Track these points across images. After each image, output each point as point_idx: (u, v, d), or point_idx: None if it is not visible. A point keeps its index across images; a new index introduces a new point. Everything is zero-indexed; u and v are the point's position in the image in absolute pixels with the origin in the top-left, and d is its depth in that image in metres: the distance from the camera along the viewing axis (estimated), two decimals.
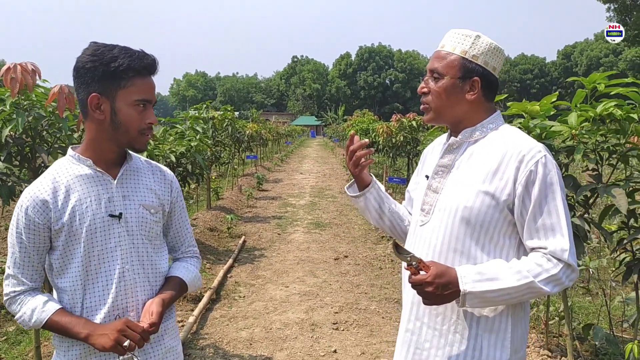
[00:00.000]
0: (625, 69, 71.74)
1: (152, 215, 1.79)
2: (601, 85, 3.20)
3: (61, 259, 1.67)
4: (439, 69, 1.76)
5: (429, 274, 1.58)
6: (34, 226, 1.63)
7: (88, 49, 1.63)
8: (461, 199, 1.70)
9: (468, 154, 1.77)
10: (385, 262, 7.15)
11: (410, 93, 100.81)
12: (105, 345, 1.58)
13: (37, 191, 1.63)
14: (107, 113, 1.63)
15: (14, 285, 1.67)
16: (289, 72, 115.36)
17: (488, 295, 1.58)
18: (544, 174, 1.62)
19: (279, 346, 4.43)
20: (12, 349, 4.24)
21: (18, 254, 1.65)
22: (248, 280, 6.34)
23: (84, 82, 1.62)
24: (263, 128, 21.27)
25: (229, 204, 11.36)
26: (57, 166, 1.70)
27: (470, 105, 1.76)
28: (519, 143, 1.68)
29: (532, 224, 1.64)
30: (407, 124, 10.03)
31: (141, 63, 1.63)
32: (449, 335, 1.73)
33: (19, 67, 3.10)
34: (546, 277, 1.58)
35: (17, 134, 3.35)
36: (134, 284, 1.73)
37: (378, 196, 2.06)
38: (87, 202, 1.66)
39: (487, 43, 1.75)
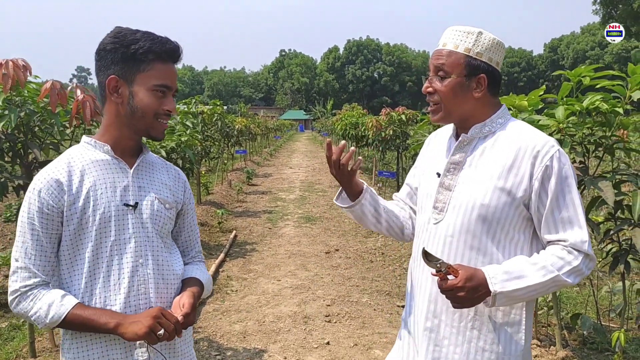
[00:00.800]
0: (612, 61, 72.32)
1: (166, 210, 1.71)
2: (586, 78, 3.25)
3: (71, 248, 1.55)
4: (444, 68, 1.74)
5: (459, 278, 1.58)
6: (47, 210, 1.51)
7: (111, 32, 1.58)
8: (477, 196, 1.70)
9: (480, 150, 1.76)
10: (376, 256, 7.21)
11: (398, 86, 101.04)
12: (139, 332, 1.48)
13: (52, 172, 1.54)
14: (125, 97, 1.57)
15: (25, 279, 1.52)
16: (277, 66, 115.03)
17: (517, 293, 1.60)
18: (559, 168, 1.64)
19: (272, 339, 4.47)
20: (5, 344, 4.24)
21: (30, 242, 1.52)
22: (240, 274, 6.37)
23: (104, 64, 1.57)
24: (252, 122, 21.23)
25: (219, 199, 11.36)
26: (71, 151, 1.62)
27: (477, 102, 1.76)
28: (533, 138, 1.68)
29: (551, 218, 1.66)
30: (397, 117, 10.07)
31: (162, 47, 1.57)
32: (467, 332, 1.74)
33: (11, 63, 3.11)
34: (569, 269, 1.61)
35: (9, 130, 3.35)
36: (148, 280, 1.62)
37: (373, 200, 2.01)
38: (102, 188, 1.57)
39: (490, 39, 1.74)
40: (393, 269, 6.61)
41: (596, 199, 3.24)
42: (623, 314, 3.70)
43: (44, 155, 3.62)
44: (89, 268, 1.55)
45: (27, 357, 3.85)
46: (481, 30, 1.75)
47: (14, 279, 1.53)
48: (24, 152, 3.60)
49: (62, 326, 1.52)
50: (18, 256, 1.53)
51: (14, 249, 1.54)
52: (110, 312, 1.53)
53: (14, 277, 1.53)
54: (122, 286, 1.58)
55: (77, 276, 1.56)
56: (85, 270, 1.55)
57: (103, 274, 1.57)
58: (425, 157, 2.02)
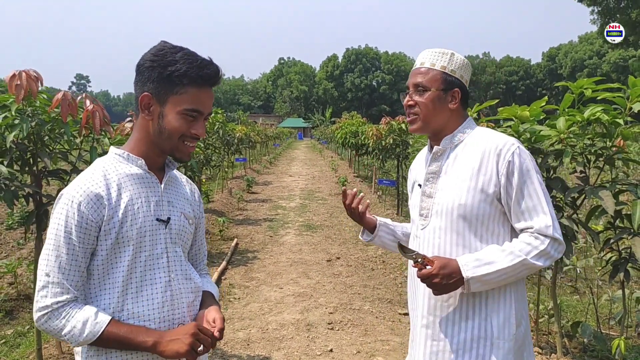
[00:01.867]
0: (609, 71, 72.57)
1: (189, 225, 1.74)
2: (588, 90, 3.32)
3: (105, 264, 1.53)
4: (423, 83, 1.97)
5: (434, 266, 1.80)
6: (86, 224, 1.48)
7: (154, 47, 1.58)
8: (455, 199, 1.90)
9: (452, 158, 1.98)
10: (377, 264, 7.26)
11: (397, 95, 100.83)
12: (180, 351, 1.49)
13: (91, 185, 1.51)
14: (155, 116, 1.57)
15: (57, 294, 1.46)
16: (275, 73, 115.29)
17: (488, 277, 1.79)
18: (520, 162, 1.84)
19: (276, 346, 4.51)
20: (11, 351, 4.28)
21: (65, 256, 1.47)
22: (242, 282, 6.41)
23: (141, 79, 1.57)
24: (252, 130, 21.31)
25: (220, 207, 11.40)
26: (104, 163, 1.60)
27: (450, 114, 1.99)
28: (494, 140, 1.90)
29: (517, 208, 1.85)
30: (397, 126, 10.13)
31: (200, 72, 1.55)
32: (462, 323, 1.91)
33: (24, 74, 3.16)
34: (536, 253, 1.79)
35: (20, 139, 3.40)
36: (180, 294, 1.64)
37: (388, 230, 2.32)
38: (139, 202, 1.57)
39: (461, 59, 2.01)
40: (394, 276, 6.65)
41: (596, 208, 3.30)
42: (623, 322, 3.74)
43: (53, 164, 3.68)
44: (123, 282, 1.54)
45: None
46: (453, 51, 2.00)
47: (44, 294, 1.47)
48: (33, 160, 3.65)
49: (95, 344, 1.49)
50: (49, 270, 1.47)
51: (44, 263, 1.48)
52: (145, 330, 1.53)
53: (43, 292, 1.47)
54: (155, 301, 1.58)
55: (108, 290, 1.54)
56: (118, 285, 1.53)
57: (136, 288, 1.56)
58: (410, 178, 2.26)
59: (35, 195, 3.60)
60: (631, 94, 3.17)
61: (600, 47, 78.96)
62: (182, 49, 1.57)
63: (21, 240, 7.92)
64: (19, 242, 7.85)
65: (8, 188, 3.32)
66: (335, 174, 19.67)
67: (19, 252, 7.21)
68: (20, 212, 9.46)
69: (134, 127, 1.66)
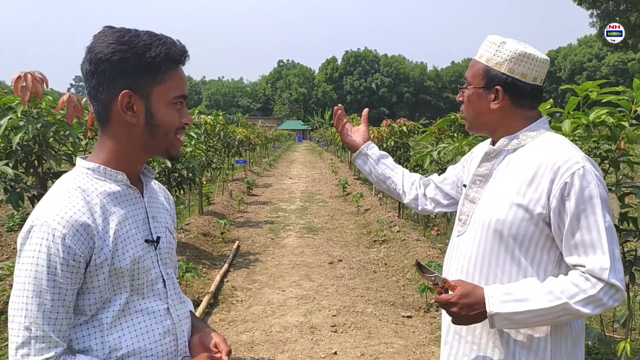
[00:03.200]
0: (608, 73, 72.76)
1: (174, 240, 1.52)
2: (593, 93, 3.33)
3: (99, 302, 1.28)
4: (467, 78, 1.77)
5: (454, 294, 1.57)
6: (73, 261, 1.22)
7: (107, 35, 1.29)
8: (494, 211, 1.66)
9: (505, 163, 1.72)
10: (379, 266, 7.26)
11: (396, 97, 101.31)
12: None
13: (73, 213, 1.23)
14: (141, 114, 1.32)
15: (44, 350, 1.19)
16: (275, 76, 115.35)
17: (517, 317, 1.53)
18: (581, 186, 1.53)
19: (280, 349, 4.51)
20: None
21: (50, 303, 1.19)
22: (244, 284, 6.41)
23: (106, 78, 1.28)
24: (251, 133, 21.32)
25: (221, 209, 11.39)
26: (77, 182, 1.32)
27: (498, 113, 1.71)
28: (556, 153, 1.59)
29: (570, 239, 1.56)
30: (398, 129, 10.13)
31: (177, 50, 1.34)
32: (488, 350, 1.69)
33: (30, 75, 3.17)
34: (583, 297, 1.50)
35: (26, 141, 3.41)
36: (179, 322, 1.45)
37: (367, 162, 2.23)
38: (127, 226, 1.34)
39: (512, 49, 1.67)
40: (396, 279, 6.65)
41: None
42: (627, 325, 3.74)
43: (58, 166, 3.68)
44: (119, 318, 1.31)
45: None
46: (505, 40, 1.70)
47: (25, 353, 1.19)
48: (38, 162, 3.65)
49: None
50: (30, 323, 1.19)
51: (20, 314, 1.20)
52: None
53: (24, 350, 1.19)
54: (156, 332, 1.37)
55: (101, 329, 1.29)
56: (114, 322, 1.30)
57: (134, 322, 1.34)
58: (466, 168, 2.03)
59: (40, 197, 3.60)
60: (636, 96, 3.18)
61: (600, 50, 79.07)
62: (140, 31, 1.32)
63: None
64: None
65: (14, 190, 3.33)
66: (336, 176, 19.68)
67: None
68: (21, 215, 9.46)
69: (101, 136, 1.38)
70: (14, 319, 1.21)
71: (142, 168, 1.46)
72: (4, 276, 5.87)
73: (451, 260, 1.83)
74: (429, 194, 2.19)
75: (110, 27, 1.31)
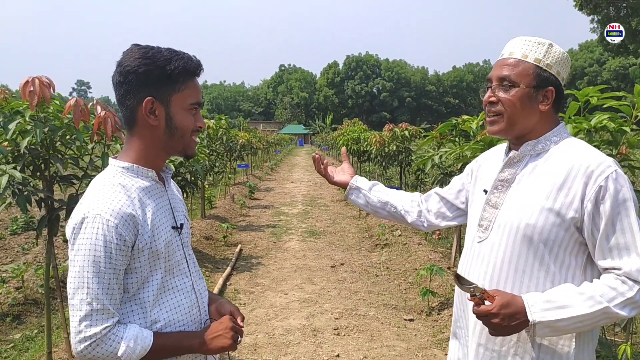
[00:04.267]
0: (609, 78, 72.82)
1: (189, 227, 1.77)
2: (594, 98, 3.36)
3: (141, 280, 1.52)
4: (511, 77, 1.67)
5: (494, 304, 1.53)
6: (124, 245, 1.45)
7: (134, 51, 1.52)
8: (523, 216, 1.63)
9: (530, 168, 1.70)
10: (381, 270, 7.28)
11: (397, 102, 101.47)
12: (225, 345, 1.57)
13: (121, 205, 1.46)
14: (162, 118, 1.54)
15: (104, 320, 1.43)
16: (276, 80, 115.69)
17: (559, 324, 1.51)
18: (616, 189, 1.53)
19: (282, 351, 4.54)
20: (20, 355, 4.31)
21: (108, 281, 1.43)
22: (247, 287, 6.44)
23: (133, 87, 1.51)
24: (253, 137, 21.37)
25: (223, 213, 11.43)
26: (117, 179, 1.54)
27: (540, 117, 1.69)
28: (587, 157, 1.59)
29: (605, 243, 1.55)
30: (400, 133, 10.18)
31: (193, 64, 1.56)
32: (508, 358, 1.67)
33: (37, 80, 3.21)
34: (622, 300, 1.50)
35: (33, 145, 3.44)
36: (201, 295, 1.70)
37: (360, 194, 2.22)
38: (159, 215, 1.57)
39: (560, 52, 1.69)
40: (398, 283, 6.67)
41: None
42: (628, 329, 3.76)
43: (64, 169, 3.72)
44: (156, 294, 1.55)
45: None
46: (552, 42, 1.70)
47: (89, 324, 1.42)
48: (45, 166, 3.69)
49: (146, 358, 1.49)
50: (92, 298, 1.42)
51: (82, 292, 1.43)
52: (187, 334, 1.58)
53: (87, 321, 1.42)
54: (185, 306, 1.61)
55: (143, 304, 1.53)
56: (152, 297, 1.54)
57: (168, 297, 1.58)
58: (476, 174, 1.99)
59: (47, 200, 3.64)
60: (637, 101, 3.22)
61: (601, 55, 79.25)
62: (161, 47, 1.55)
63: (26, 246, 7.95)
64: (24, 247, 7.88)
65: (21, 193, 3.36)
66: None
67: (24, 257, 7.23)
68: (24, 218, 9.50)
69: (128, 138, 1.61)
70: (75, 296, 1.43)
71: (163, 167, 1.69)
72: (8, 278, 5.91)
73: (471, 267, 1.78)
74: (433, 207, 2.15)
75: (137, 44, 1.54)
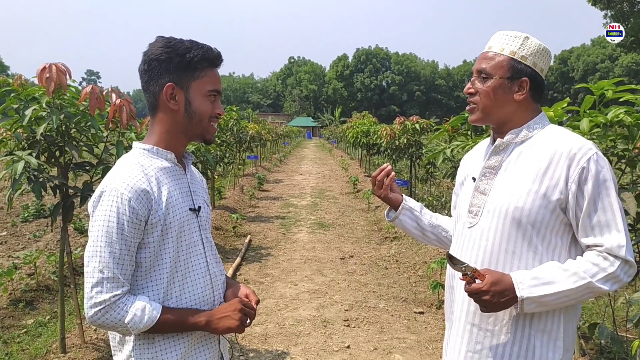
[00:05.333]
0: (621, 74, 72.09)
1: (209, 211, 1.84)
2: (609, 92, 3.33)
3: (153, 255, 1.58)
4: (487, 70, 1.78)
5: (485, 282, 1.61)
6: (136, 219, 1.52)
7: (158, 42, 1.62)
8: (511, 200, 1.71)
9: (516, 154, 1.78)
10: (391, 263, 7.28)
11: (406, 96, 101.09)
12: (232, 326, 1.62)
13: (136, 181, 1.54)
14: (182, 103, 1.62)
15: (113, 288, 1.51)
16: (285, 72, 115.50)
17: (546, 299, 1.60)
18: (597, 170, 1.62)
19: (293, 341, 4.56)
20: (33, 341, 4.34)
21: (119, 252, 1.51)
22: (257, 278, 6.46)
23: (156, 74, 1.60)
24: (262, 128, 21.38)
25: (232, 204, 11.46)
26: (136, 159, 1.63)
27: (517, 106, 1.78)
28: (569, 141, 1.69)
29: (587, 221, 1.64)
30: (410, 127, 10.15)
31: (212, 54, 1.64)
32: (501, 336, 1.74)
33: (54, 67, 3.22)
34: (604, 275, 1.59)
35: (49, 131, 3.46)
36: (216, 277, 1.75)
37: (412, 216, 2.13)
38: (175, 194, 1.63)
39: (536, 44, 1.78)
40: (408, 276, 6.67)
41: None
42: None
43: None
44: (169, 271, 1.61)
45: (58, 352, 3.95)
46: (528, 35, 1.78)
47: (100, 290, 1.51)
48: (60, 153, 3.71)
49: (153, 330, 1.56)
50: (103, 267, 1.51)
51: (96, 260, 1.51)
52: (195, 311, 1.63)
53: (98, 288, 1.51)
54: (198, 285, 1.68)
55: (156, 280, 1.60)
56: (166, 274, 1.60)
57: (181, 275, 1.64)
58: (462, 172, 2.06)
59: (62, 187, 3.66)
60: None
61: (613, 50, 78.51)
62: (184, 39, 1.65)
63: (37, 233, 8.01)
64: (35, 234, 7.94)
65: (37, 179, 3.38)
66: (346, 173, 19.70)
67: (36, 244, 7.29)
68: (35, 206, 9.57)
69: (151, 123, 1.70)
70: (89, 264, 1.52)
71: (184, 151, 1.76)
72: (20, 265, 5.96)
73: (462, 252, 1.85)
74: None
75: (162, 36, 1.65)
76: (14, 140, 3.61)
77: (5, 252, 6.94)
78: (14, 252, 6.95)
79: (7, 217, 9.25)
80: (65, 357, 3.90)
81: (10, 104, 3.44)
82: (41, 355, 3.99)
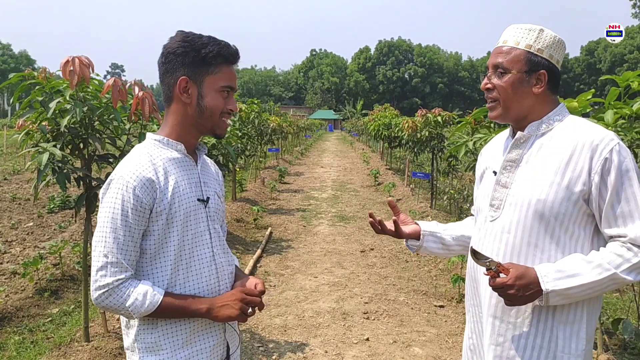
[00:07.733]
0: None
1: (222, 203, 1.86)
2: (635, 83, 3.26)
3: (158, 243, 1.62)
4: (504, 64, 1.76)
5: (510, 276, 1.60)
6: (141, 207, 1.57)
7: (177, 36, 1.66)
8: (534, 192, 1.70)
9: (537, 147, 1.77)
10: (411, 256, 7.26)
11: (429, 88, 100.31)
12: (232, 315, 1.65)
13: (143, 170, 1.59)
14: (194, 97, 1.66)
15: (116, 273, 1.56)
16: (307, 65, 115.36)
17: (570, 291, 1.60)
18: (620, 161, 1.62)
19: (312, 333, 4.58)
20: (58, 329, 4.44)
21: (122, 238, 1.56)
22: (277, 270, 6.50)
23: (172, 67, 1.65)
24: (284, 121, 21.42)
25: (253, 196, 11.52)
26: (146, 149, 1.68)
27: (536, 99, 1.77)
28: (591, 132, 1.68)
29: (610, 212, 1.64)
30: (433, 119, 10.05)
31: (229, 51, 1.67)
32: (524, 328, 1.74)
33: (77, 60, 3.26)
34: (628, 266, 1.59)
35: (73, 124, 3.51)
36: (222, 267, 1.77)
37: (434, 238, 2.13)
38: (183, 185, 1.67)
39: (551, 36, 1.76)
40: (428, 269, 6.65)
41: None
42: None
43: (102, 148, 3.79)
44: (174, 260, 1.64)
45: (82, 341, 4.02)
46: (542, 27, 1.77)
47: (103, 274, 1.56)
48: (83, 145, 3.77)
49: (154, 314, 1.60)
50: (108, 251, 1.56)
51: (101, 245, 1.57)
52: (197, 298, 1.67)
53: (102, 271, 1.56)
54: (203, 275, 1.71)
55: (161, 268, 1.64)
56: (170, 262, 1.63)
57: (186, 264, 1.67)
58: (481, 165, 2.05)
59: (86, 179, 3.72)
60: None
61: None
62: (202, 34, 1.68)
63: (62, 224, 8.16)
64: (61, 225, 8.09)
65: (61, 171, 3.44)
66: (367, 166, 19.65)
67: (61, 235, 7.43)
68: (61, 197, 9.74)
69: (166, 114, 1.74)
70: (96, 248, 1.58)
71: (197, 143, 1.80)
72: (46, 255, 6.08)
73: (483, 245, 1.84)
74: None
75: (182, 31, 1.69)
76: (40, 133, 3.68)
77: (32, 243, 7.09)
78: (40, 242, 7.10)
79: (34, 208, 9.45)
80: (89, 345, 3.98)
81: (35, 97, 3.50)
82: (65, 343, 4.07)
